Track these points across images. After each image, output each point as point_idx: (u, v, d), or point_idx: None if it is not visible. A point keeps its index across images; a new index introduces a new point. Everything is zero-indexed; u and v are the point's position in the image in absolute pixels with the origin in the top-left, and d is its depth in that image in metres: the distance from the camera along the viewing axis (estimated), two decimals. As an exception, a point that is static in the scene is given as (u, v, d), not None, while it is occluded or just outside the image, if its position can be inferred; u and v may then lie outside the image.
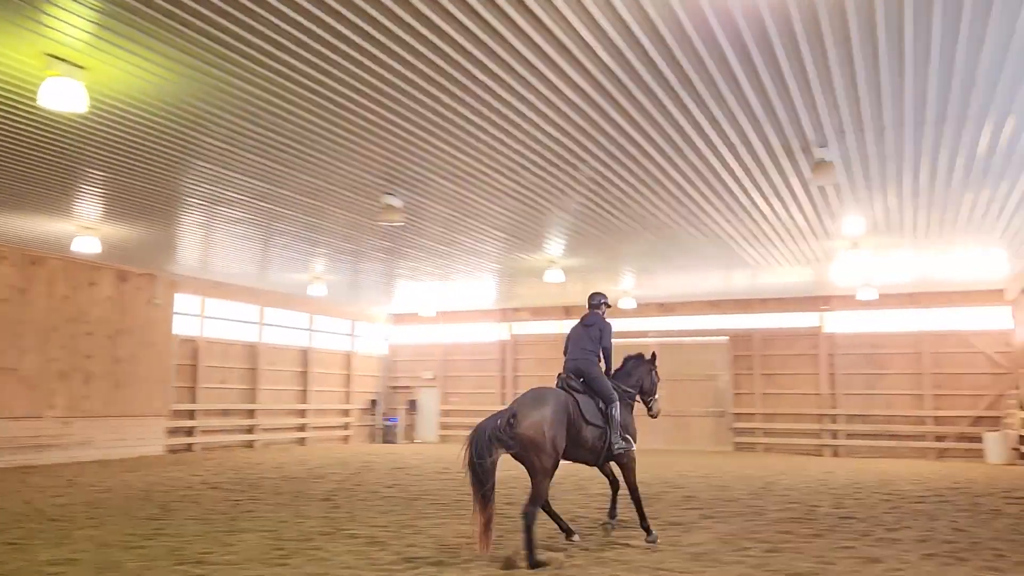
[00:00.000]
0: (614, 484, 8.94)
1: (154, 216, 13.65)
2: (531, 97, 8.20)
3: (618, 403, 8.25)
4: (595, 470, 8.74)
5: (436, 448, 24.01)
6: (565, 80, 7.75)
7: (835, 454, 22.26)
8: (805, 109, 8.53)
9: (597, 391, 8.17)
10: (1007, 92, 8.03)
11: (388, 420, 27.83)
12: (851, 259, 16.74)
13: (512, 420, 7.37)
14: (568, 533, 8.07)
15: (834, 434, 22.56)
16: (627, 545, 7.84)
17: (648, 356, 9.35)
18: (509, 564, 6.75)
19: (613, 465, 8.74)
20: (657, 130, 9.20)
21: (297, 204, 12.78)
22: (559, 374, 8.45)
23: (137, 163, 10.61)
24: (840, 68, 7.47)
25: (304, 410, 25.30)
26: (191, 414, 21.37)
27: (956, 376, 21.53)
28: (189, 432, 21.25)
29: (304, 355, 25.57)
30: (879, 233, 14.59)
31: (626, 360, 9.20)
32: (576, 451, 7.90)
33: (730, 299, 24.15)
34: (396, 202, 12.27)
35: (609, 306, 9.18)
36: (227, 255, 17.39)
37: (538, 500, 7.22)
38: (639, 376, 9.08)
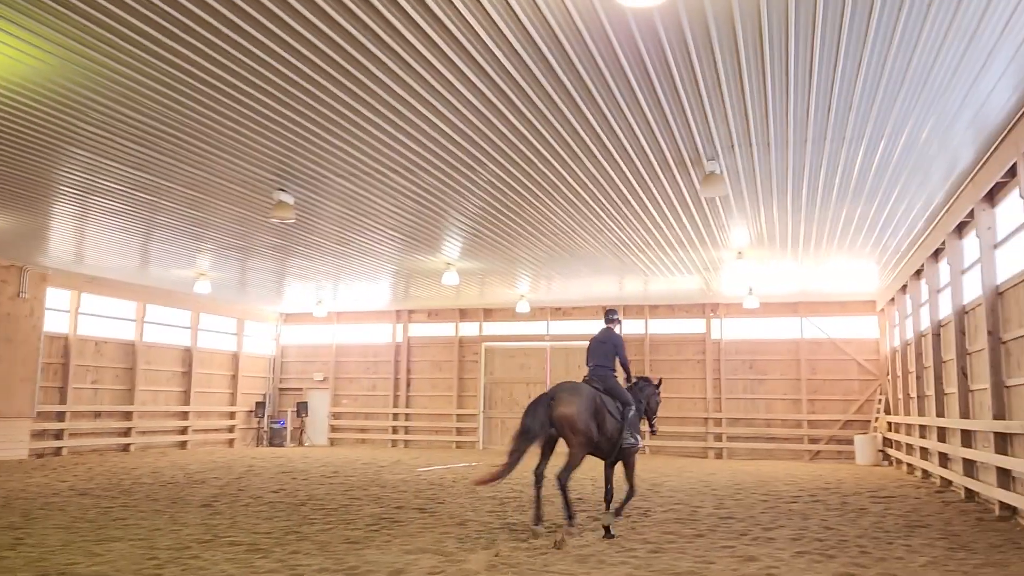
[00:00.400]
0: (610, 491, 9.48)
1: (23, 204, 12.76)
2: (429, 97, 8.13)
3: (633, 407, 9.48)
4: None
5: (325, 452, 23.48)
6: (464, 82, 7.73)
7: (718, 456, 23.13)
8: (697, 123, 8.81)
9: (617, 396, 9.39)
10: (881, 116, 8.55)
11: (276, 423, 27.01)
12: (737, 269, 17.45)
13: (551, 402, 8.75)
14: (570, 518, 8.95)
15: (718, 437, 23.44)
16: (516, 548, 7.86)
17: (655, 381, 10.66)
18: (559, 544, 7.88)
19: (618, 469, 9.58)
20: (555, 136, 9.30)
21: (181, 197, 12.22)
22: (585, 376, 9.81)
23: (4, 147, 9.88)
24: (731, 85, 7.75)
25: (186, 412, 24.23)
26: (60, 416, 20.09)
27: (829, 382, 22.80)
28: (57, 435, 19.97)
29: (187, 355, 24.50)
30: (763, 244, 15.27)
31: (638, 380, 10.42)
32: (599, 439, 8.98)
33: (622, 304, 24.72)
34: (288, 198, 11.93)
35: (620, 321, 10.47)
36: (104, 248, 16.45)
37: (571, 468, 8.62)
38: (648, 395, 10.31)
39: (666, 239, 14.94)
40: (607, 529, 8.74)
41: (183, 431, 24.12)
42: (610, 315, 10.31)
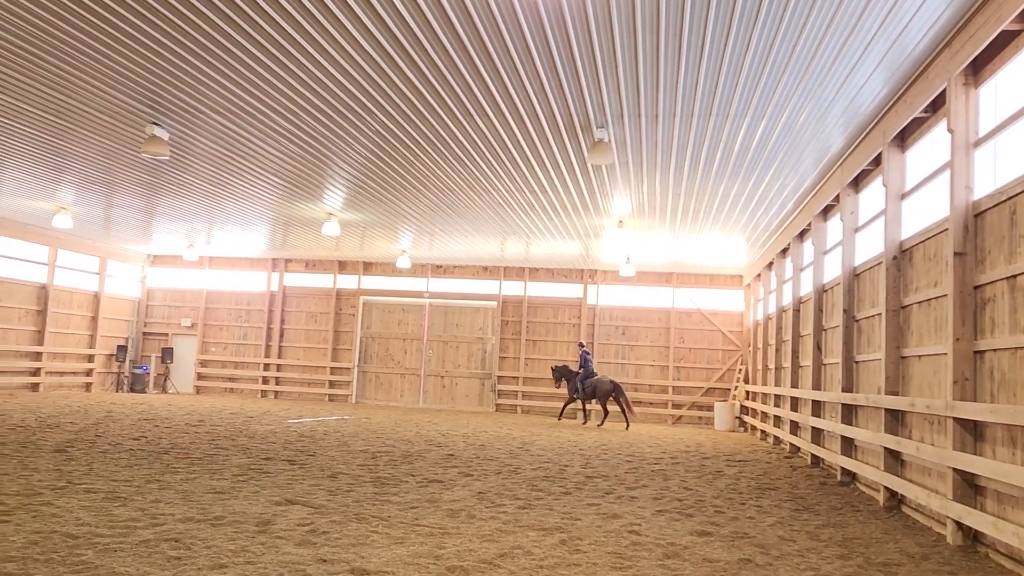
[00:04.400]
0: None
1: None
2: (318, 37, 7.81)
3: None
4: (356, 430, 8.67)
5: (191, 400, 22.64)
6: (356, 24, 7.47)
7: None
8: (590, 90, 8.90)
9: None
10: (764, 95, 8.91)
11: (138, 368, 25.77)
12: (616, 237, 17.92)
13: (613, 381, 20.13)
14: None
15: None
16: (387, 502, 7.89)
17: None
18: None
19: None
20: (448, 91, 9.17)
21: (41, 123, 11.29)
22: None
23: None
24: (625, 55, 7.86)
25: (39, 353, 22.72)
26: None
27: (695, 351, 23.93)
28: None
29: (43, 292, 22.90)
30: (643, 215, 15.72)
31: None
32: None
33: (503, 266, 24.94)
34: (162, 133, 11.25)
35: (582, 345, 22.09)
36: (-51, 171, 15.03)
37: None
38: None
39: (550, 203, 15.13)
40: None
41: (35, 372, 22.64)
42: (582, 346, 22.19)
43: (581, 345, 22.64)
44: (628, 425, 20.71)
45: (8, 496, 7.12)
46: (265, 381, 26.12)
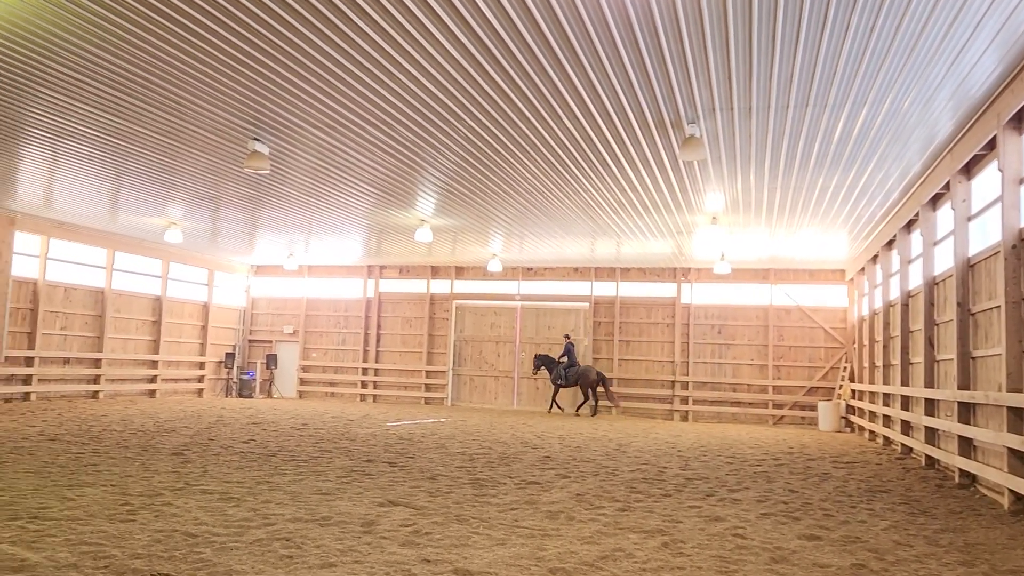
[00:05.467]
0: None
1: (-13, 144, 12.40)
2: (409, 48, 7.97)
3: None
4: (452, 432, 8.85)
5: (294, 404, 23.47)
6: (445, 33, 7.58)
7: (684, 419, 23.51)
8: (680, 85, 8.76)
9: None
10: (865, 82, 8.56)
11: (245, 374, 26.90)
12: (710, 234, 17.55)
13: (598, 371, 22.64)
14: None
15: (684, 400, 23.79)
16: (487, 503, 7.96)
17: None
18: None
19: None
20: (535, 93, 9.20)
21: (153, 143, 11.94)
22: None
23: (-32, 83, 9.56)
24: (717, 47, 7.70)
25: (155, 361, 24.03)
26: (28, 361, 19.83)
27: (796, 348, 23.17)
28: (26, 380, 19.74)
29: (157, 304, 24.22)
30: (737, 210, 15.35)
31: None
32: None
33: (594, 266, 24.81)
34: (263, 148, 11.72)
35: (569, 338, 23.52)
36: (74, 193, 16.08)
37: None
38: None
39: (641, 202, 14.95)
40: None
41: (152, 380, 23.94)
42: (567, 337, 23.45)
43: (567, 337, 23.86)
44: (611, 410, 23.32)
45: (133, 496, 7.55)
46: (363, 385, 26.81)
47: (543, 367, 23.63)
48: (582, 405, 23.54)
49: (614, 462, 11.87)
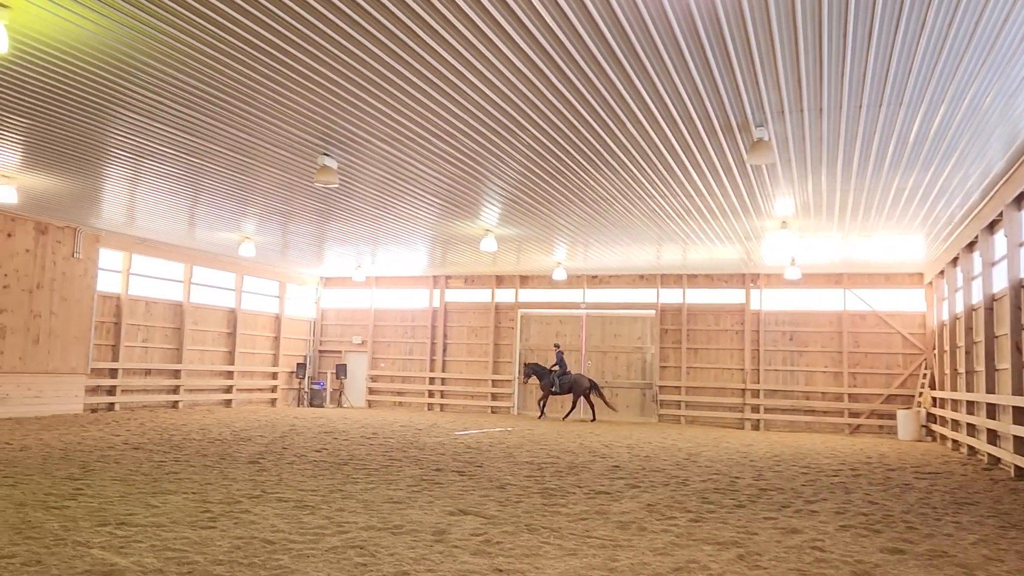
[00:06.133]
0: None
1: (76, 167, 13.01)
2: (472, 59, 8.04)
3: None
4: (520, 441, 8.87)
5: (364, 413, 23.84)
6: (507, 43, 7.63)
7: (755, 428, 23.01)
8: (747, 87, 8.62)
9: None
10: (943, 79, 8.27)
11: (316, 384, 27.48)
12: (779, 239, 17.17)
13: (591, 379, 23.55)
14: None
15: (755, 408, 23.29)
16: (556, 513, 7.93)
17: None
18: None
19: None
20: (599, 101, 9.17)
21: (227, 160, 12.34)
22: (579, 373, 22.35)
23: (59, 110, 10.05)
24: (785, 48, 7.55)
25: (231, 372, 24.75)
26: (113, 373, 20.68)
27: (872, 355, 22.45)
28: (110, 391, 20.58)
29: (232, 316, 24.96)
30: (808, 214, 14.98)
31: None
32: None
33: (660, 273, 24.54)
34: (331, 163, 11.98)
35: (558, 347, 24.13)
36: (153, 210, 16.73)
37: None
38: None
39: (708, 207, 14.74)
40: None
41: (228, 390, 24.67)
42: (557, 347, 24.33)
43: (556, 346, 24.70)
44: (596, 414, 23.87)
45: (212, 504, 7.78)
46: (431, 394, 27.07)
47: (533, 375, 24.20)
48: (570, 413, 24.05)
49: (684, 472, 11.69)
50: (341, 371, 27.63)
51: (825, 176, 12.23)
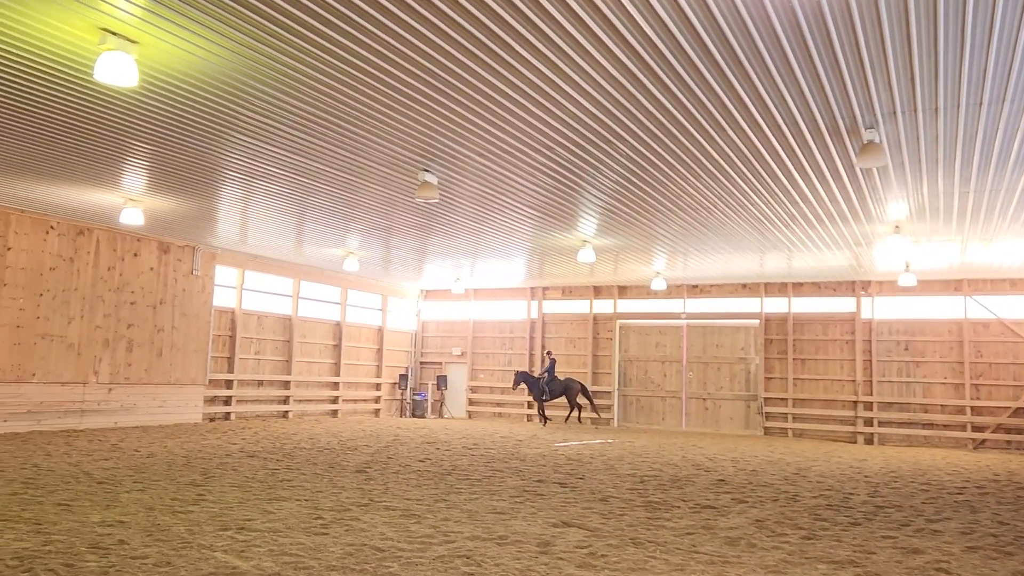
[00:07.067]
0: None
1: (195, 189, 13.78)
2: (568, 70, 8.06)
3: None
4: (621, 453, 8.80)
5: (464, 424, 24.14)
6: (604, 52, 7.61)
7: (868, 442, 22.01)
8: (856, 88, 8.31)
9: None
10: (1069, 73, 7.75)
11: (417, 395, 28.03)
12: (892, 244, 16.42)
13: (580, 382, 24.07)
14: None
15: (868, 421, 22.28)
16: (661, 527, 7.82)
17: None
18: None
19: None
20: (698, 107, 9.04)
21: (334, 179, 12.80)
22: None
23: (181, 136, 10.68)
24: (897, 45, 7.25)
25: (336, 383, 25.57)
26: (228, 384, 21.72)
27: (997, 365, 21.12)
28: (226, 401, 21.61)
29: (337, 329, 25.80)
30: (923, 218, 14.28)
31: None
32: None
33: (763, 282, 23.88)
34: (432, 179, 12.24)
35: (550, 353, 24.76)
36: (264, 228, 17.53)
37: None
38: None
39: (814, 213, 14.25)
40: None
41: (334, 400, 25.49)
42: (550, 354, 24.90)
43: (548, 353, 25.43)
44: (575, 419, 25.03)
45: (324, 511, 8.05)
46: (529, 405, 27.13)
47: (523, 383, 24.61)
48: (568, 416, 24.87)
49: (794, 487, 11.30)
50: (442, 382, 28.10)
51: (942, 178, 11.64)
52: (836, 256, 18.65)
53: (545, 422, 24.78)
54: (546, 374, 24.49)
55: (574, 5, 6.64)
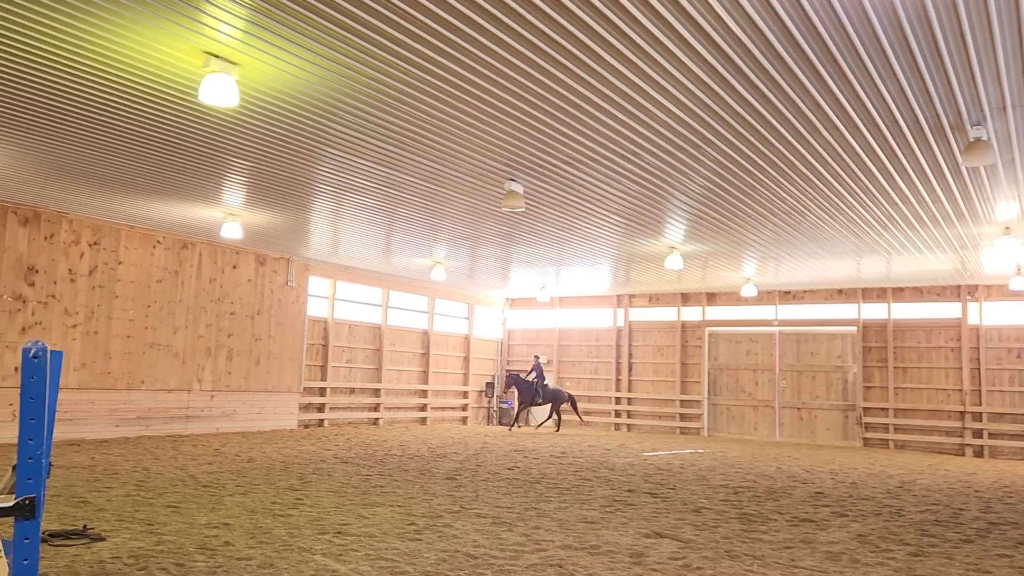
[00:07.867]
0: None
1: (290, 203, 14.28)
2: (655, 75, 7.97)
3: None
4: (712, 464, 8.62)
5: (551, 432, 24.10)
6: (690, 53, 7.49)
7: (977, 454, 20.88)
8: (961, 84, 7.93)
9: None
10: None
11: (504, 403, 28.16)
12: (1002, 246, 15.55)
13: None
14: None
15: (977, 433, 21.13)
16: (758, 540, 7.60)
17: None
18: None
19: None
20: (791, 108, 8.79)
21: (421, 191, 13.03)
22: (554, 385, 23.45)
23: (277, 153, 11.09)
24: (1007, 36, 6.88)
25: (425, 391, 25.96)
26: (321, 391, 22.35)
27: (1121, 374, 19.71)
28: (320, 408, 22.24)
29: (425, 337, 26.21)
30: (1036, 217, 13.48)
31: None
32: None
33: (861, 287, 23.00)
34: (518, 188, 12.31)
35: (538, 358, 25.31)
36: (354, 240, 17.99)
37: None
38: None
39: (916, 215, 13.65)
40: None
41: (423, 408, 25.88)
42: (536, 358, 25.13)
43: (536, 357, 25.70)
44: (572, 423, 25.14)
45: (416, 517, 8.17)
46: (617, 414, 26.91)
47: (514, 386, 24.79)
48: (545, 422, 25.52)
49: (898, 501, 10.81)
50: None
51: (1056, 174, 10.97)
52: (940, 259, 17.80)
53: (516, 426, 25.45)
54: (537, 378, 24.68)
55: (660, 8, 6.57)
